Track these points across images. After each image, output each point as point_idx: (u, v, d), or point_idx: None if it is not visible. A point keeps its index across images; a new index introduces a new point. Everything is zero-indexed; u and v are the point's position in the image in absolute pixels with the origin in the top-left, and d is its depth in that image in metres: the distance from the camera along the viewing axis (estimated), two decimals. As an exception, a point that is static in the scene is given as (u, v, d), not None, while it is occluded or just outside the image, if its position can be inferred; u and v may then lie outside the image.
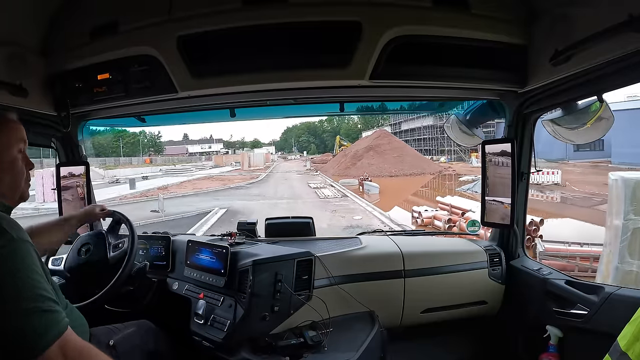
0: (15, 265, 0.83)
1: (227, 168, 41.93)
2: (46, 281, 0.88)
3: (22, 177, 1.05)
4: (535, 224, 8.14)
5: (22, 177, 1.05)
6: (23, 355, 0.79)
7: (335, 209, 14.25)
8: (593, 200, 13.24)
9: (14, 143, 1.02)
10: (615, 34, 1.12)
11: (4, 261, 0.82)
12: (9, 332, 0.79)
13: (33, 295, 0.82)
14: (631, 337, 0.86)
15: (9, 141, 1.01)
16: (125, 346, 1.34)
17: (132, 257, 1.51)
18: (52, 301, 0.85)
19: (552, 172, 17.55)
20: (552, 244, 6.94)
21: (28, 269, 0.84)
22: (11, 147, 1.01)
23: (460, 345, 2.10)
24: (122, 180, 24.40)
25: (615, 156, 21.82)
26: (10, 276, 0.81)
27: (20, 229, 0.90)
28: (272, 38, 1.48)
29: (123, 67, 1.60)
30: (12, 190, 1.02)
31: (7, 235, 0.85)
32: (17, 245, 0.85)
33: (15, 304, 0.80)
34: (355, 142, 42.32)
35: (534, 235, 7.86)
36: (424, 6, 1.45)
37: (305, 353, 1.50)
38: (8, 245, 0.84)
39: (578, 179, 18.14)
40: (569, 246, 6.67)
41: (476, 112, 2.10)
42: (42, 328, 0.80)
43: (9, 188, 1.01)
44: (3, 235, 0.84)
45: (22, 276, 0.83)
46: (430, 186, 22.62)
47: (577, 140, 1.66)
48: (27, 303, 0.81)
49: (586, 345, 1.57)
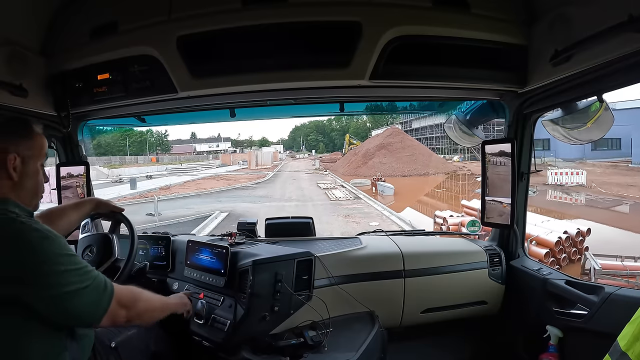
0: (66, 255, 0.94)
1: (234, 167, 41.88)
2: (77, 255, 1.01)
3: (41, 188, 1.13)
4: (582, 234, 6.99)
5: (41, 188, 1.13)
6: (90, 322, 1.00)
7: (348, 213, 13.30)
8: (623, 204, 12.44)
9: (40, 155, 1.10)
10: (615, 34, 1.12)
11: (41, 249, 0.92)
12: (68, 313, 0.93)
13: (86, 271, 0.97)
14: (631, 337, 0.86)
15: (36, 153, 1.08)
16: (127, 347, 1.34)
17: (132, 257, 1.51)
18: (88, 273, 0.97)
19: (576, 172, 16.36)
20: (601, 258, 5.91)
21: (72, 254, 0.96)
22: (38, 158, 1.09)
23: (460, 345, 2.10)
24: (126, 180, 24.11)
25: (636, 156, 21.59)
26: (47, 264, 0.91)
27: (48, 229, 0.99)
28: (272, 38, 1.48)
29: (123, 67, 1.60)
30: (31, 200, 1.09)
31: (51, 234, 0.96)
32: (58, 240, 0.96)
33: (59, 288, 0.91)
34: (365, 141, 41.61)
35: (580, 248, 6.93)
36: (424, 6, 1.45)
37: (305, 353, 1.50)
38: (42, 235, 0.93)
39: (601, 179, 16.96)
40: (622, 261, 5.76)
41: (476, 112, 2.11)
42: (94, 300, 0.97)
43: (29, 197, 1.08)
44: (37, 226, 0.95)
45: (75, 261, 0.96)
46: (445, 186, 21.85)
47: (577, 140, 1.66)
48: (69, 286, 0.92)
49: (586, 345, 1.57)
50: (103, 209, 1.58)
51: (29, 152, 1.05)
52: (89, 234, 1.62)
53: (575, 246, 7.05)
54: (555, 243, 6.88)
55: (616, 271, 5.71)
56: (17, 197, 1.03)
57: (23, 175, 1.04)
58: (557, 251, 6.90)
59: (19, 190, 1.04)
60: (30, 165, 1.06)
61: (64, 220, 1.42)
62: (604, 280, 5.30)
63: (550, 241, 6.94)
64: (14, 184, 1.02)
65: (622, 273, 5.67)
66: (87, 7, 1.59)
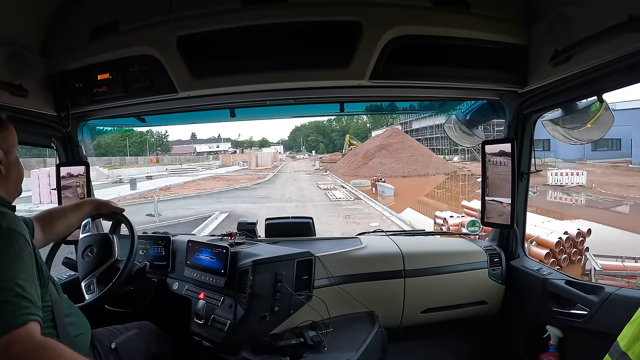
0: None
1: (234, 167, 41.86)
2: (30, 276, 0.89)
3: (23, 175, 1.14)
4: (582, 235, 6.98)
5: (23, 175, 1.14)
6: None
7: (348, 214, 13.26)
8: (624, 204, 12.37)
9: (15, 143, 1.11)
10: (615, 34, 1.12)
11: None
12: None
13: None
14: (631, 337, 0.86)
15: (13, 141, 1.10)
16: (127, 348, 1.34)
17: (132, 257, 1.51)
18: (17, 295, 0.83)
19: (576, 172, 16.35)
20: (602, 259, 5.89)
21: (7, 259, 0.86)
22: (14, 147, 1.10)
23: (460, 345, 2.10)
24: (126, 180, 24.11)
25: (637, 156, 21.57)
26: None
27: (16, 221, 0.95)
28: (272, 38, 1.48)
29: (123, 67, 1.60)
30: (16, 186, 1.12)
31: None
32: (2, 234, 0.89)
33: None
34: (366, 141, 41.66)
35: (580, 248, 6.89)
36: (424, 6, 1.45)
37: (305, 353, 1.50)
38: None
39: (601, 180, 16.91)
40: (622, 262, 5.71)
41: (476, 112, 2.11)
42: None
43: (15, 184, 1.10)
44: None
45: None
46: (445, 187, 21.86)
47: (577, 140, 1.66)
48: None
49: (586, 345, 1.56)
50: (104, 209, 1.58)
51: (7, 143, 1.06)
52: (89, 234, 1.62)
53: (576, 247, 7.02)
54: (555, 244, 6.86)
55: (616, 272, 5.68)
56: (5, 191, 1.04)
57: (9, 167, 1.06)
58: (557, 252, 6.88)
59: (7, 182, 1.05)
60: (12, 155, 1.08)
61: (63, 221, 1.42)
62: (604, 280, 5.28)
63: (550, 242, 6.92)
64: (2, 177, 1.04)
65: (623, 274, 5.64)
66: (87, 7, 1.59)
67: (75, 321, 1.17)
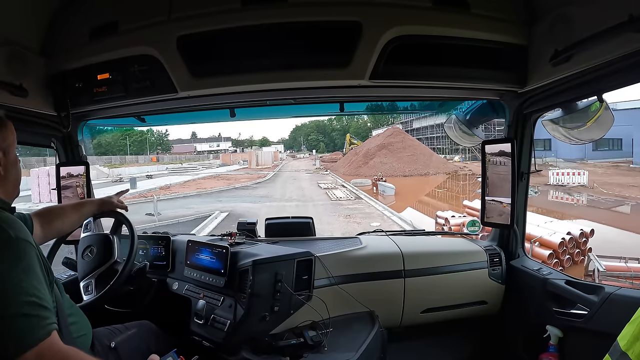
0: (6, 267, 0.83)
1: (235, 166, 41.84)
2: (41, 282, 0.88)
3: (21, 175, 1.13)
4: (585, 235, 6.89)
5: (21, 175, 1.13)
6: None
7: (349, 214, 13.14)
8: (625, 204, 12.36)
9: (14, 142, 1.09)
10: (615, 34, 1.12)
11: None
12: None
13: (18, 300, 0.81)
14: (631, 337, 0.86)
15: (12, 140, 1.07)
16: (126, 348, 1.34)
17: (132, 257, 1.51)
18: (37, 306, 0.83)
19: (577, 172, 16.27)
20: (604, 259, 5.83)
21: (21, 271, 0.85)
22: (13, 146, 1.08)
23: (460, 345, 2.10)
24: (126, 179, 24.07)
25: (638, 156, 21.52)
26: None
27: (21, 228, 0.91)
28: (272, 38, 1.48)
29: (123, 67, 1.60)
30: (15, 186, 1.09)
31: (5, 235, 0.86)
32: (14, 246, 0.86)
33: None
34: (366, 141, 41.46)
35: (583, 249, 6.79)
36: (424, 6, 1.45)
37: (305, 353, 1.50)
38: (4, 246, 0.85)
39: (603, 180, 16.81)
40: (626, 263, 5.64)
41: (476, 112, 2.11)
42: (16, 334, 0.78)
43: (14, 185, 1.08)
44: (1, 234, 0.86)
45: (11, 279, 0.83)
46: (446, 187, 21.74)
47: (577, 140, 1.65)
48: (8, 309, 0.80)
49: (586, 345, 1.56)
50: (106, 207, 1.58)
51: (5, 142, 1.04)
52: (90, 234, 1.63)
53: (579, 247, 6.96)
54: (558, 244, 6.78)
55: (620, 273, 5.62)
56: (4, 192, 1.02)
57: (8, 168, 1.04)
58: (560, 252, 6.81)
59: (6, 183, 1.03)
60: (11, 155, 1.06)
61: (63, 219, 1.42)
62: (607, 282, 5.20)
63: (553, 242, 6.85)
64: (0, 178, 1.02)
65: (626, 275, 5.58)
66: (86, 7, 1.59)
67: (77, 321, 1.17)
